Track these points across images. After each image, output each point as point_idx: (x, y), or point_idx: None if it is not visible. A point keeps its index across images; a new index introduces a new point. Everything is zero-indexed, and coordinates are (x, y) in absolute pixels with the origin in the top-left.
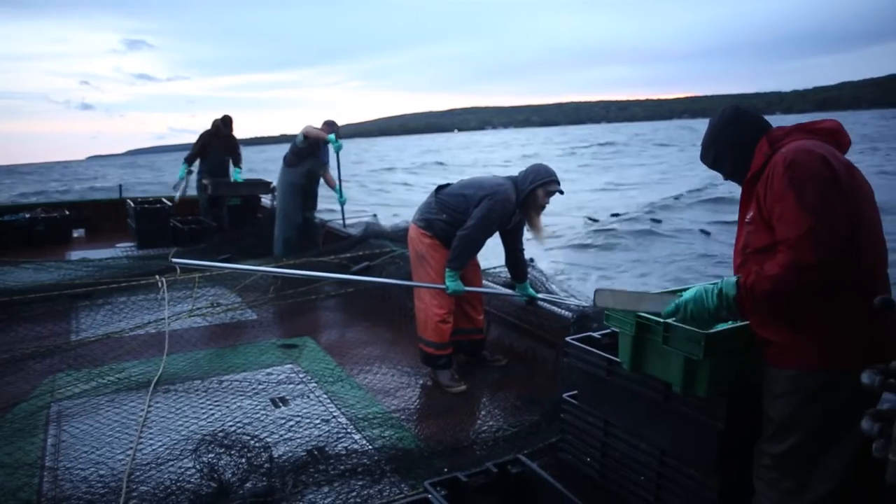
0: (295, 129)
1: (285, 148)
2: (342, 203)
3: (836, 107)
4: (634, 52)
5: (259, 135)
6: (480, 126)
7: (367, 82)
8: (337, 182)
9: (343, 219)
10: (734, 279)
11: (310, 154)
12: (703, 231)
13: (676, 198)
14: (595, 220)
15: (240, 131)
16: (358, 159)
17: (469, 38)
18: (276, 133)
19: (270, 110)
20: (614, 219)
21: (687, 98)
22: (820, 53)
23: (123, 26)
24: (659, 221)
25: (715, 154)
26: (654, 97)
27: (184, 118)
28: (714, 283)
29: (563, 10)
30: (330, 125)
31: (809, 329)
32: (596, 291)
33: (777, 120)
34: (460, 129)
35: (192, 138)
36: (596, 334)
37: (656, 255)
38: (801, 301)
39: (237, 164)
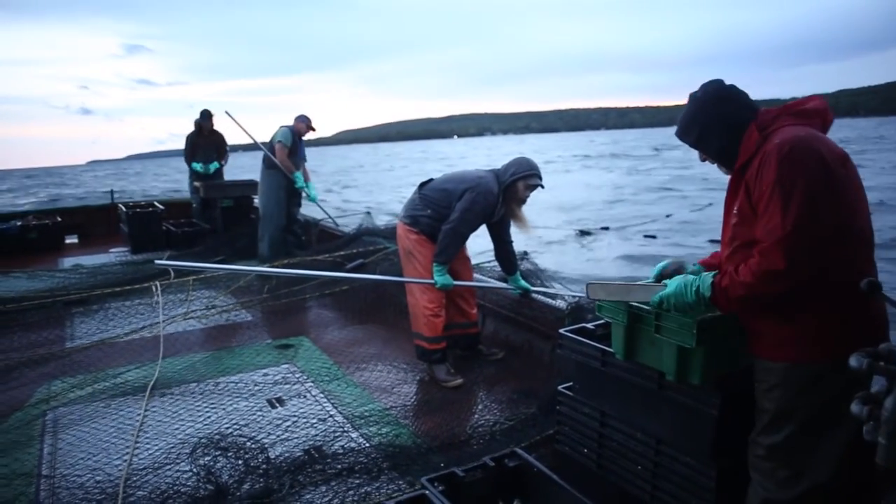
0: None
1: None
2: (313, 200)
3: (834, 114)
4: (633, 59)
5: (260, 140)
6: (480, 132)
7: (367, 89)
8: (310, 178)
9: (330, 217)
10: (710, 279)
11: (290, 154)
12: (647, 235)
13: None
14: (588, 234)
15: (240, 137)
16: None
17: (467, 44)
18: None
19: (270, 115)
20: (605, 233)
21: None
22: (818, 62)
23: (123, 30)
24: (653, 237)
25: (699, 132)
26: (654, 104)
27: (184, 123)
28: (694, 278)
29: (562, 16)
30: (302, 121)
31: (802, 321)
32: (588, 285)
33: None
34: (459, 136)
35: None
36: (590, 325)
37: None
38: (791, 296)
39: (220, 157)
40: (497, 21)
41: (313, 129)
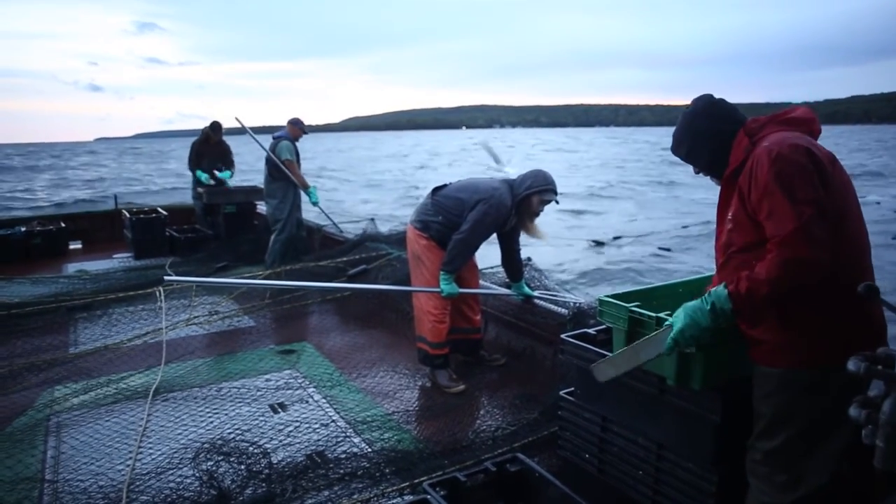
0: (305, 119)
1: None
2: (315, 203)
3: (846, 120)
4: (645, 57)
5: (269, 123)
6: (489, 124)
7: (377, 76)
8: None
9: (333, 222)
10: (724, 291)
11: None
12: (662, 248)
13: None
14: (601, 244)
15: (249, 120)
16: None
17: (479, 35)
18: (285, 123)
19: (281, 99)
20: (616, 242)
21: None
22: (831, 66)
23: (135, 7)
24: (668, 250)
25: (689, 146)
26: (664, 102)
27: (193, 104)
28: (701, 300)
29: (575, 10)
30: (297, 125)
31: (799, 326)
32: (592, 368)
33: None
34: (468, 127)
35: (201, 124)
36: (591, 330)
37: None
38: (792, 298)
39: (228, 166)
40: (510, 13)
41: (305, 133)
